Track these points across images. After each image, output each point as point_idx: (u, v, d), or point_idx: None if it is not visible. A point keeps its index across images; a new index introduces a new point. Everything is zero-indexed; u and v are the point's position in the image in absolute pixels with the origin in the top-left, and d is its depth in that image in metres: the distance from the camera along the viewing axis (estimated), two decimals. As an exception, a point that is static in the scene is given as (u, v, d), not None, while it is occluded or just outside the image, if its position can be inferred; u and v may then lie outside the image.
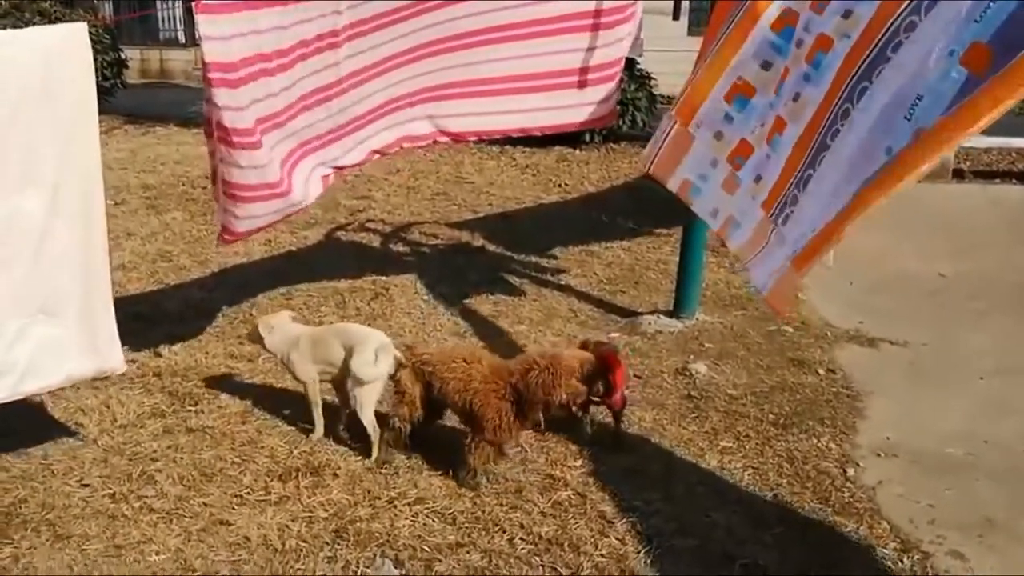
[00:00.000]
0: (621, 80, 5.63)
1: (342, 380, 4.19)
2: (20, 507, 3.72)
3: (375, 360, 4.04)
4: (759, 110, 3.79)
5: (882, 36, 2.92)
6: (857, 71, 3.00)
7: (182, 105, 13.72)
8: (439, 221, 8.10)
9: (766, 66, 3.77)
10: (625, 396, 4.32)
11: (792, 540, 3.58)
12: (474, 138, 5.82)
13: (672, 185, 4.36)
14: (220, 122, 4.20)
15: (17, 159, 3.46)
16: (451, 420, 4.17)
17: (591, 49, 5.29)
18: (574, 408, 4.19)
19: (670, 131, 4.37)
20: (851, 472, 4.09)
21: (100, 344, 3.90)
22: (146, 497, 3.80)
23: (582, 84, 5.38)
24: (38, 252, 3.59)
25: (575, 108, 5.46)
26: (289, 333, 4.32)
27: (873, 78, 2.91)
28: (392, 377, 4.09)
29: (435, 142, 5.48)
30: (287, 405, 4.49)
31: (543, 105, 5.40)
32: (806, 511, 3.79)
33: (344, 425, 4.30)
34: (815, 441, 4.35)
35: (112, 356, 3.97)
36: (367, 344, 4.10)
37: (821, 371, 5.12)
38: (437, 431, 4.23)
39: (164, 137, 11.58)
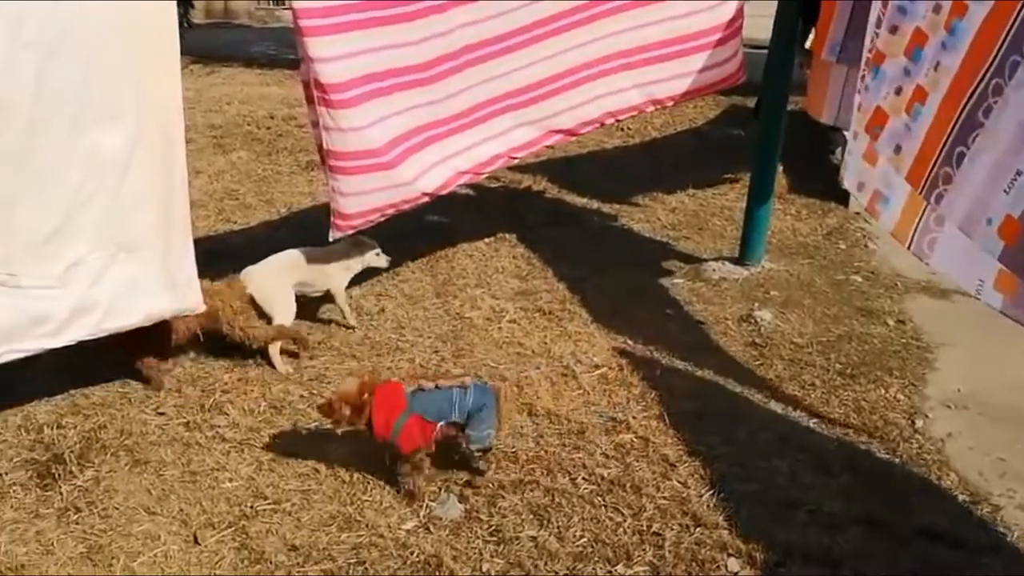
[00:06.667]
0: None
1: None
2: (100, 433, 3.86)
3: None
4: (889, 76, 3.69)
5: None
6: (1004, 41, 2.82)
7: (246, 45, 13.82)
8: (501, 164, 8.06)
9: (893, 30, 3.66)
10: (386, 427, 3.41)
11: (858, 488, 3.55)
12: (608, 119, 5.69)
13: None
14: (317, 79, 4.05)
15: (99, 95, 3.46)
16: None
17: (712, 9, 5.20)
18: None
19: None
20: (919, 423, 4.03)
21: (179, 282, 3.92)
22: (218, 427, 3.92)
23: (704, 47, 5.27)
24: (119, 188, 3.60)
25: (710, 70, 5.36)
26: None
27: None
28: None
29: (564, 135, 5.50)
30: (354, 341, 4.55)
31: (674, 73, 5.30)
32: (873, 460, 3.75)
33: None
34: (883, 392, 4.28)
35: (190, 295, 4.00)
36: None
37: (891, 321, 5.02)
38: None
39: (229, 77, 11.64)
